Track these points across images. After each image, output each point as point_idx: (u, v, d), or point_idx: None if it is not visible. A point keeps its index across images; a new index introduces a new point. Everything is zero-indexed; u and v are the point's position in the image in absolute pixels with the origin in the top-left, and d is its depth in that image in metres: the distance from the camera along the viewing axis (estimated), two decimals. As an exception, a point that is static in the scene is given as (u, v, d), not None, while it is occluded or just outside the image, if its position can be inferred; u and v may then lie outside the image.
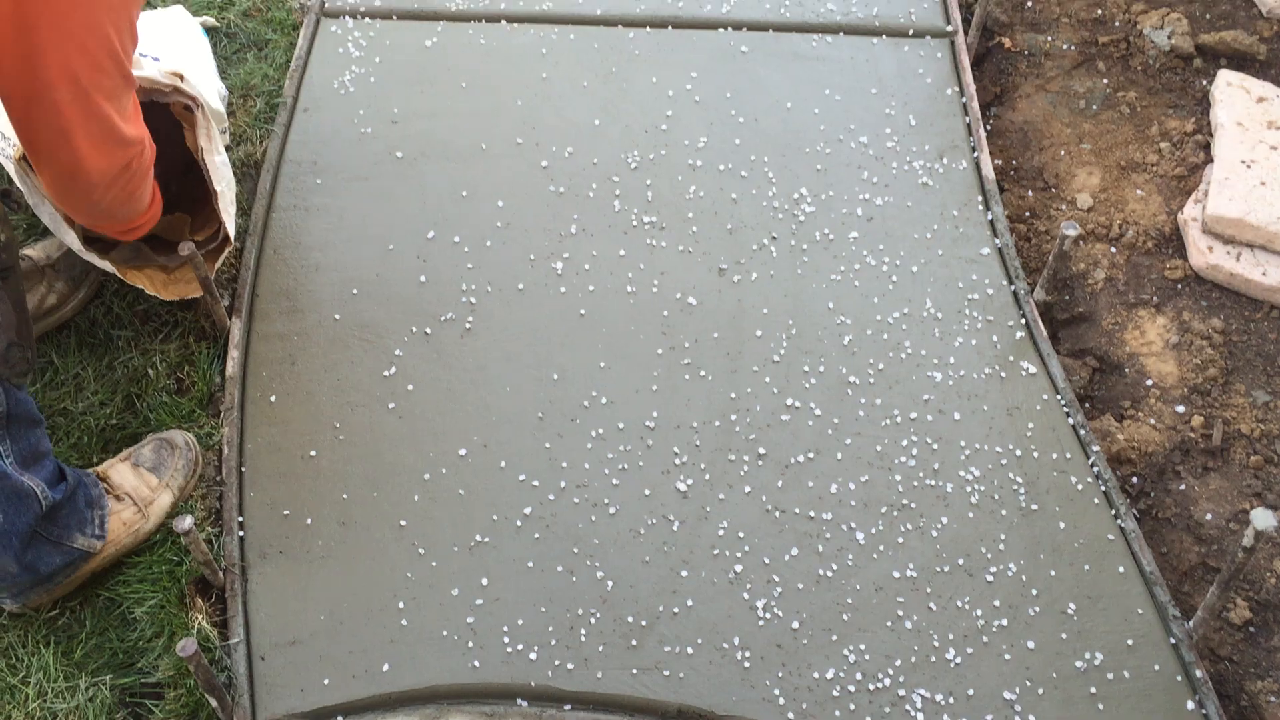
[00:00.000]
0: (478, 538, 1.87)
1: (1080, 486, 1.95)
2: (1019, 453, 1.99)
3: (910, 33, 2.67)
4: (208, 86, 2.14)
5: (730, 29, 2.67)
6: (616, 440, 2.00)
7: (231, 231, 1.99)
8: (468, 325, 2.14)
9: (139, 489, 1.83)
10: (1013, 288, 2.22)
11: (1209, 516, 1.92)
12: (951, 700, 1.72)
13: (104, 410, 1.97)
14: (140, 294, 2.03)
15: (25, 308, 1.61)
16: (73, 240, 1.89)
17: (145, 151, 1.71)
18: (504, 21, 2.65)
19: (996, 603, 1.82)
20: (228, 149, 2.23)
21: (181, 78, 1.89)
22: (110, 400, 1.99)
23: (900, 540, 1.88)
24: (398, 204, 2.31)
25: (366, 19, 2.63)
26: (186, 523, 1.60)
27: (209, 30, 2.49)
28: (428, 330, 2.13)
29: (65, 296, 2.04)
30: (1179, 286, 2.20)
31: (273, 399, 2.02)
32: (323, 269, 2.21)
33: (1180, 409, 2.04)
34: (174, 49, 2.15)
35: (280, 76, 2.49)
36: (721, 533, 1.89)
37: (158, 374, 2.02)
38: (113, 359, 2.04)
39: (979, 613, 1.81)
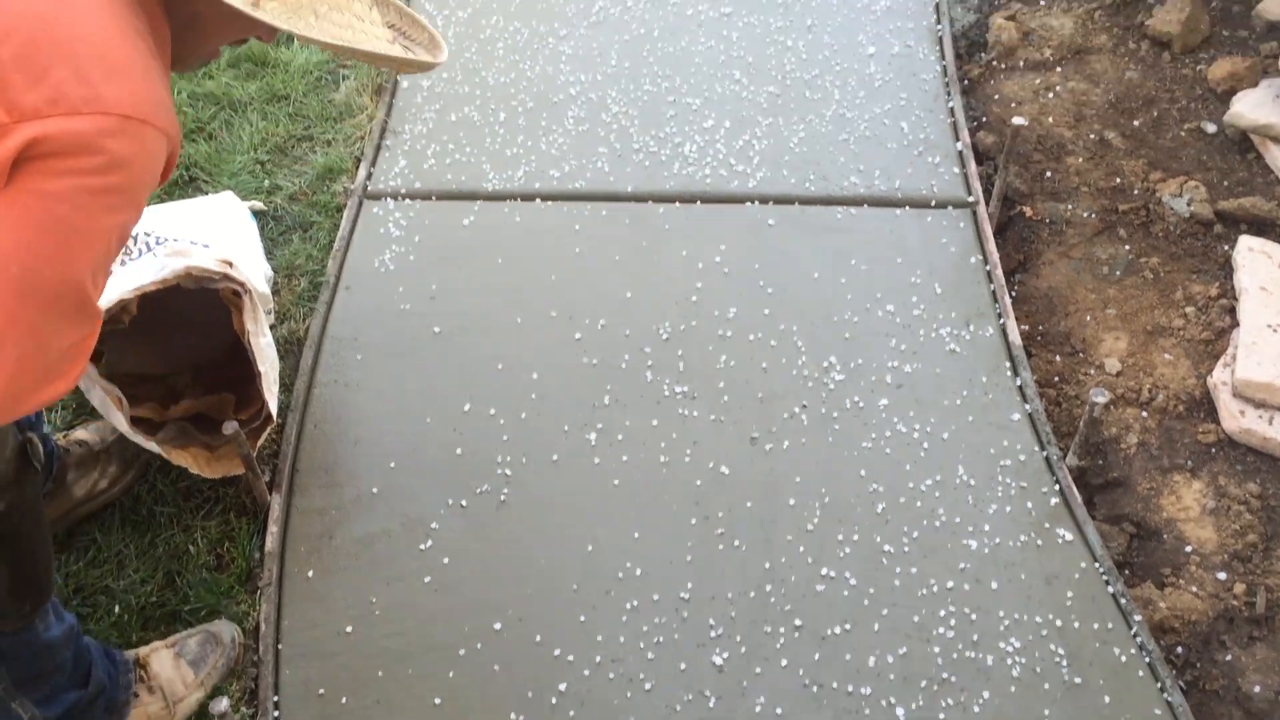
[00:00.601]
0: (512, 716, 1.85)
1: (1124, 658, 1.91)
2: (1059, 623, 1.96)
3: (933, 203, 2.74)
4: (255, 270, 2.23)
5: (757, 203, 2.76)
6: (651, 612, 1.99)
7: (274, 410, 2.04)
8: (503, 497, 2.16)
9: (173, 684, 1.83)
10: (1045, 453, 2.22)
11: (1257, 689, 1.87)
12: None
13: (144, 588, 2.00)
14: (184, 470, 2.07)
15: (31, 560, 1.51)
16: (120, 422, 1.94)
17: (61, 392, 1.29)
18: (538, 200, 2.76)
19: (1043, 782, 1.77)
20: (272, 328, 2.30)
21: (231, 264, 1.97)
22: (151, 578, 2.01)
23: (942, 717, 1.85)
24: (435, 378, 2.37)
25: (407, 200, 2.74)
26: (222, 705, 1.60)
27: (257, 214, 2.60)
28: (464, 503, 2.15)
29: (116, 479, 2.09)
30: (1213, 450, 2.20)
31: (310, 574, 2.04)
32: (362, 443, 2.25)
33: (1222, 576, 2.01)
34: (223, 234, 2.25)
35: (324, 256, 2.59)
36: (759, 708, 1.86)
37: (198, 550, 2.05)
38: (155, 536, 2.07)
39: (1026, 793, 1.76)
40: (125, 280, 1.92)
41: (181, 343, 2.23)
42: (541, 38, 3.21)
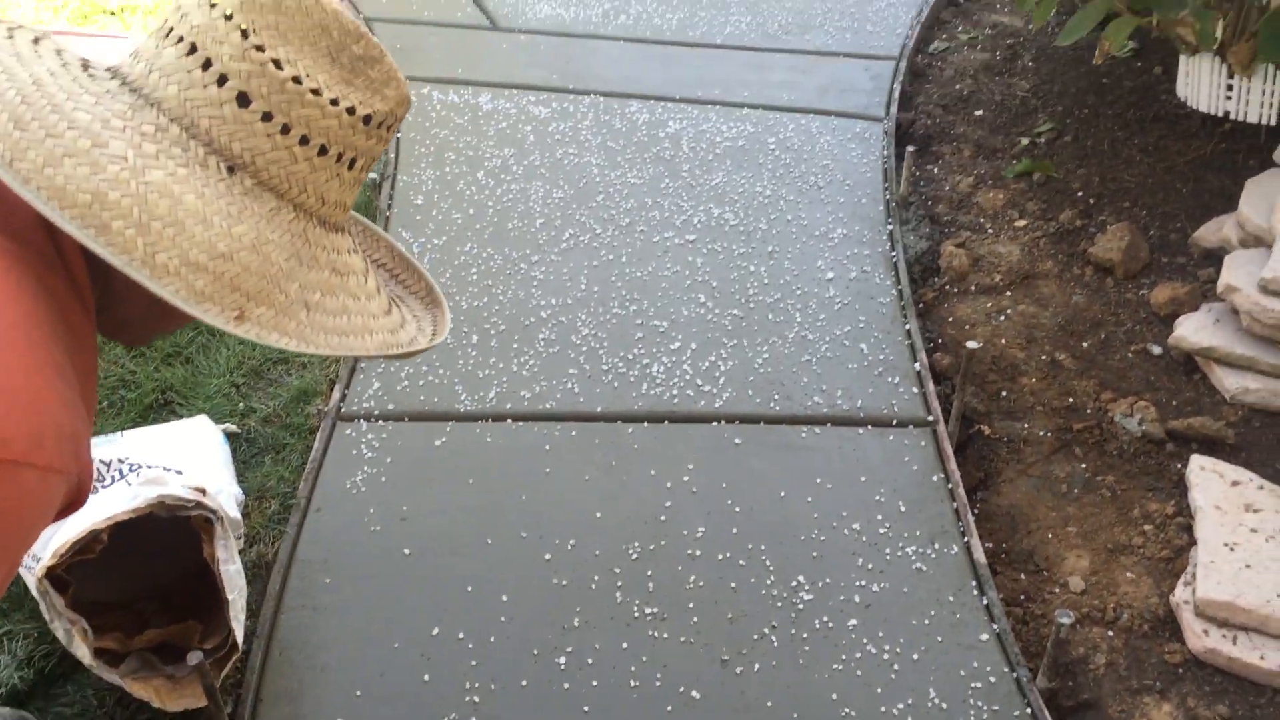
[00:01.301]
0: None
1: None
2: None
3: (894, 423, 2.82)
4: (226, 495, 2.25)
5: (724, 422, 2.83)
6: None
7: (240, 639, 2.02)
8: (470, 726, 2.13)
9: None
10: (1015, 675, 2.22)
11: None
12: None
13: (96, 829, 1.93)
14: (145, 703, 2.03)
15: None
16: (84, 655, 1.92)
17: None
18: (510, 420, 2.81)
19: None
20: (241, 552, 2.30)
21: (204, 492, 1.99)
22: (104, 818, 1.95)
23: None
24: (404, 601, 2.35)
25: (380, 421, 2.79)
26: None
27: (230, 436, 2.63)
28: (430, 732, 2.11)
29: None
30: (1180, 671, 2.21)
31: (270, 811, 1.98)
32: (328, 669, 2.22)
33: (1199, 802, 1.99)
34: (196, 459, 2.28)
35: (295, 478, 2.61)
36: None
37: (154, 787, 1.99)
38: (111, 772, 2.01)
39: None
40: (98, 509, 1.93)
41: (149, 568, 2.22)
42: (514, 263, 3.34)
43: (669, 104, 4.16)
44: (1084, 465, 2.68)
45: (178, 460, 2.21)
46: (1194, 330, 2.87)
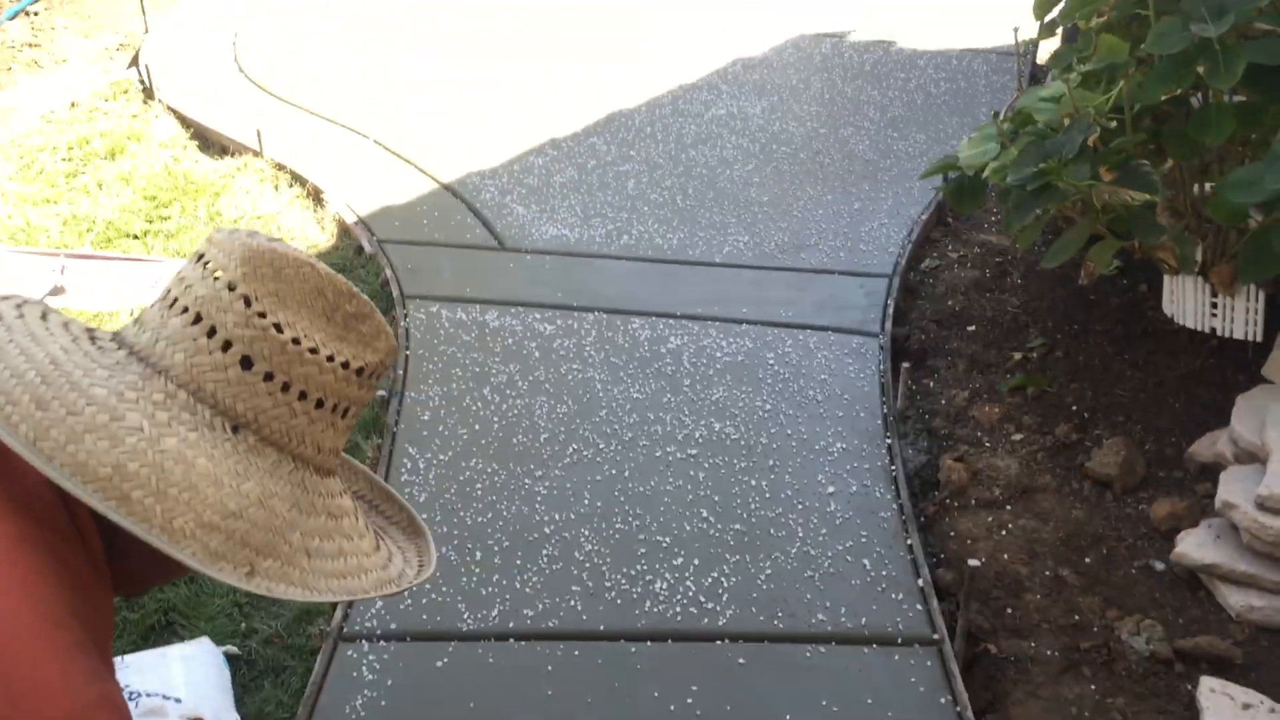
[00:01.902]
0: None
1: None
2: None
3: (899, 641, 2.80)
4: (225, 722, 2.22)
5: (727, 641, 2.81)
6: None
7: None
8: None
9: None
10: None
11: None
12: None
13: None
14: None
15: None
16: None
17: None
18: (512, 640, 2.79)
19: None
20: (236, 782, 2.26)
21: (202, 721, 1.98)
22: None
23: None
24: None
25: (382, 641, 2.77)
26: None
27: (230, 658, 2.61)
28: None
29: None
30: None
31: None
32: None
33: None
34: (195, 686, 2.26)
35: (294, 703, 2.58)
36: None
37: None
38: None
39: None
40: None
41: (141, 800, 2.18)
42: (518, 479, 3.37)
43: (670, 320, 4.28)
44: (1093, 686, 2.64)
45: (177, 687, 2.19)
46: (1195, 547, 2.88)
